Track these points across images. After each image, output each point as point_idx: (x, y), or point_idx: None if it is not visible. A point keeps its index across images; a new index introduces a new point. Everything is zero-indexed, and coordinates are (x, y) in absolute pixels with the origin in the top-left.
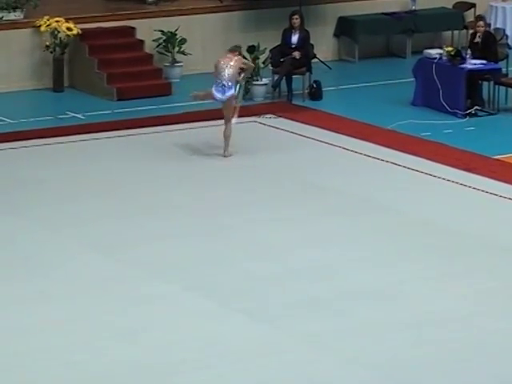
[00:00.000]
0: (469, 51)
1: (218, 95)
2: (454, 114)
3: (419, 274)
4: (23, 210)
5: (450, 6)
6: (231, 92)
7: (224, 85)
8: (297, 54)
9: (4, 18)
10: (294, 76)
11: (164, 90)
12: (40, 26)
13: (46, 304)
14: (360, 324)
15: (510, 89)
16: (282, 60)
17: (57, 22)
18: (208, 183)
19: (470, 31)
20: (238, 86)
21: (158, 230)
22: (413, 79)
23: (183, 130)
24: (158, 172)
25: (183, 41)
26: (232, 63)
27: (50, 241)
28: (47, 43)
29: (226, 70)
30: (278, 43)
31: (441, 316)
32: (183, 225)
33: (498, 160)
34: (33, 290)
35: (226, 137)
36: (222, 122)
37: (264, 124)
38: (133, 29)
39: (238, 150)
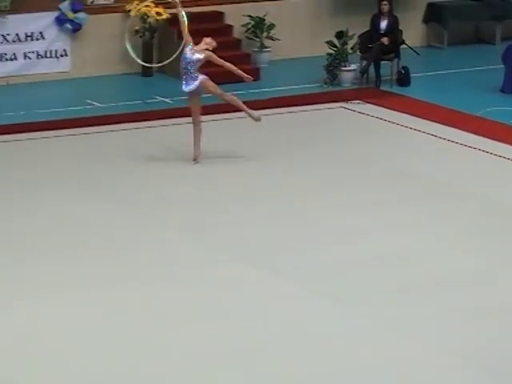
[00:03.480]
0: None
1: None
2: None
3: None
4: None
5: None
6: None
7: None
8: (385, 40)
9: (95, 3)
10: (382, 62)
11: (252, 76)
12: (130, 10)
13: (143, 286)
14: (449, 310)
15: None
16: (370, 46)
17: (146, 6)
18: (294, 169)
19: None
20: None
21: (245, 215)
22: (502, 66)
23: (271, 115)
24: (239, 157)
25: (272, 26)
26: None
27: (137, 223)
28: (137, 28)
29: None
30: (367, 29)
31: None
32: (271, 210)
33: None
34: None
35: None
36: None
37: (352, 110)
38: (222, 14)
39: (325, 135)
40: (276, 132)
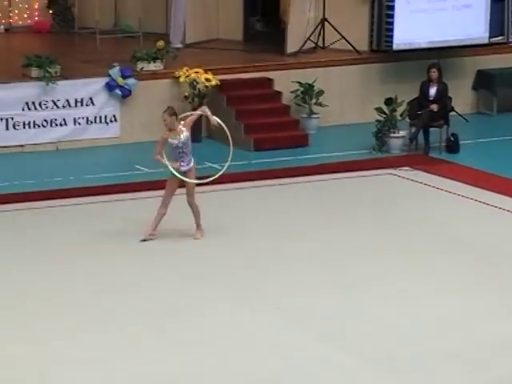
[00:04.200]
0: None
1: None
2: None
3: None
4: (148, 257)
5: None
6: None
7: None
8: (435, 107)
9: (144, 69)
10: (431, 129)
11: (301, 142)
12: (179, 76)
13: (194, 350)
14: (500, 380)
15: None
16: (419, 112)
17: (196, 72)
18: (342, 233)
19: None
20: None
21: (294, 281)
22: None
23: (320, 181)
24: (289, 223)
25: (320, 92)
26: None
27: (185, 290)
28: (186, 93)
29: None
30: (416, 95)
31: None
32: (319, 275)
33: None
34: (180, 336)
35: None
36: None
37: (400, 176)
38: (271, 80)
39: (374, 201)
40: (325, 197)
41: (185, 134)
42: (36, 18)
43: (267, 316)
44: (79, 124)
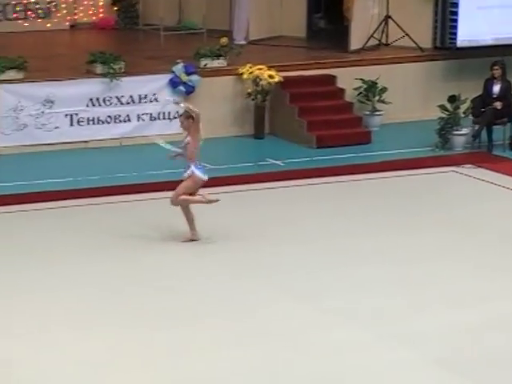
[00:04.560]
0: None
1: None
2: None
3: None
4: (211, 254)
5: None
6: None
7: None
8: (498, 105)
9: (208, 66)
10: (494, 126)
11: (363, 139)
12: (242, 73)
13: (243, 348)
14: None
15: None
16: (483, 110)
17: (259, 69)
18: (402, 231)
19: None
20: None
21: (355, 279)
22: None
23: (382, 178)
24: (353, 222)
25: (384, 89)
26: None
27: (246, 286)
28: (249, 90)
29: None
30: (480, 93)
31: None
32: (387, 273)
33: None
34: (229, 334)
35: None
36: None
37: (463, 174)
38: (334, 77)
39: (437, 199)
40: (388, 195)
41: (187, 138)
42: (101, 15)
43: (332, 315)
44: (143, 120)
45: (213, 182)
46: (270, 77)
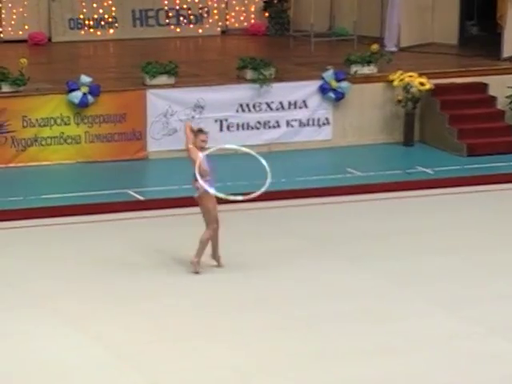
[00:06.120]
0: None
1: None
2: None
3: None
4: (364, 263)
5: None
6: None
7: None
8: None
9: (358, 72)
10: None
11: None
12: (393, 80)
13: (386, 357)
14: None
15: None
16: None
17: (410, 76)
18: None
19: None
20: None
21: (501, 289)
22: None
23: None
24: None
25: None
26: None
27: (392, 294)
28: (399, 97)
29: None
30: None
31: None
32: None
33: None
34: (372, 342)
35: (200, 241)
36: None
37: None
38: (485, 85)
39: None
40: None
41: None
42: (252, 21)
43: (468, 324)
44: (292, 126)
45: (362, 190)
46: (421, 84)
